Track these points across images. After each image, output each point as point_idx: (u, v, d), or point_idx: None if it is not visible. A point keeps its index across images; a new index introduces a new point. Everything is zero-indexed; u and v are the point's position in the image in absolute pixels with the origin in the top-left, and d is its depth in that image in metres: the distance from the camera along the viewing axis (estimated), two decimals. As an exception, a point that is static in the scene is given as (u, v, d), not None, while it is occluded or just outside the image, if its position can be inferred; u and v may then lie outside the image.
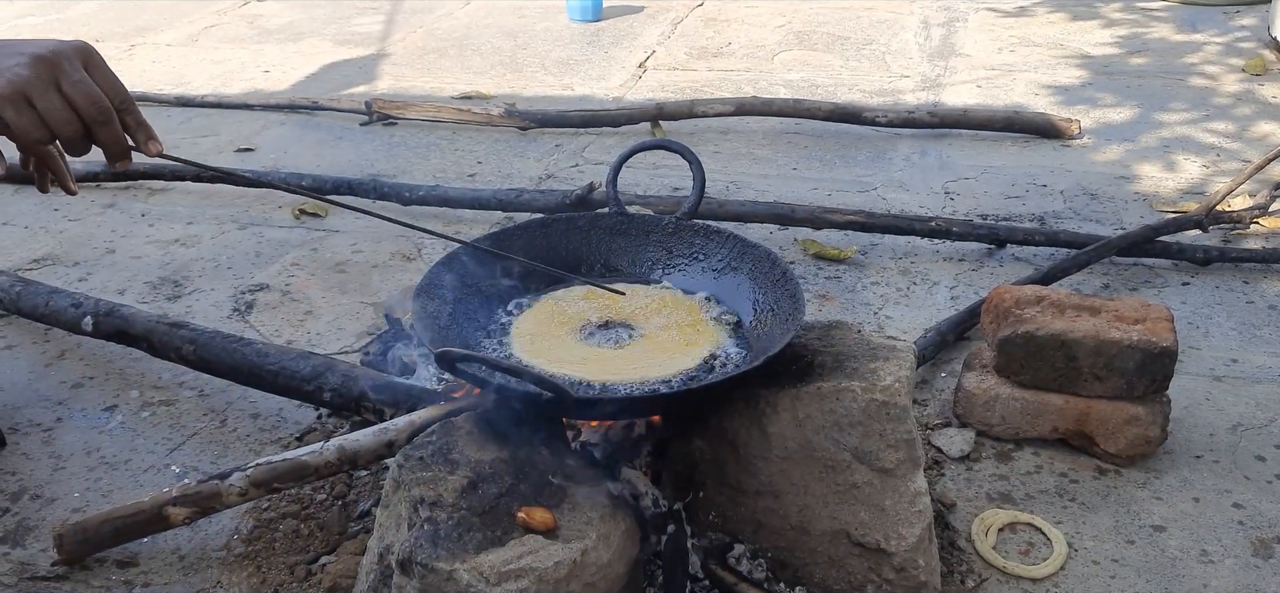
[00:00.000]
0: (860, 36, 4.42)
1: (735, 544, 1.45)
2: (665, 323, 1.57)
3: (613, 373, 1.44)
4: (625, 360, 1.48)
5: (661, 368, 1.45)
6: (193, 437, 1.88)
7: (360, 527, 1.62)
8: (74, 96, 1.15)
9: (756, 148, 3.23)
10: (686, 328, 1.56)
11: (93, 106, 1.16)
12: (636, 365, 1.46)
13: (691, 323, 1.57)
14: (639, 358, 1.48)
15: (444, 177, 3.04)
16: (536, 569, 1.17)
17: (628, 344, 1.53)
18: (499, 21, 4.81)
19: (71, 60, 1.16)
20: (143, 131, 1.22)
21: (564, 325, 1.57)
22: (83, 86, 1.15)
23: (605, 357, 1.49)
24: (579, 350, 1.51)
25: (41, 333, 2.19)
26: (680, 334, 1.54)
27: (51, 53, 1.14)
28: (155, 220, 2.80)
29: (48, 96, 1.13)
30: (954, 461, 1.78)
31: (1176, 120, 3.37)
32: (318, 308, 2.34)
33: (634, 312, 1.60)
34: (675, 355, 1.48)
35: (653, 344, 1.52)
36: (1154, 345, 1.68)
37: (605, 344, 1.53)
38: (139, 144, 1.22)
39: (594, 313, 1.59)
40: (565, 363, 1.46)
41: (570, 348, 1.51)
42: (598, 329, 1.56)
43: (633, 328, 1.56)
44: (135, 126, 1.21)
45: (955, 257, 2.50)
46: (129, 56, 4.42)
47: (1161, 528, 1.62)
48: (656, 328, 1.56)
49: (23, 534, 1.63)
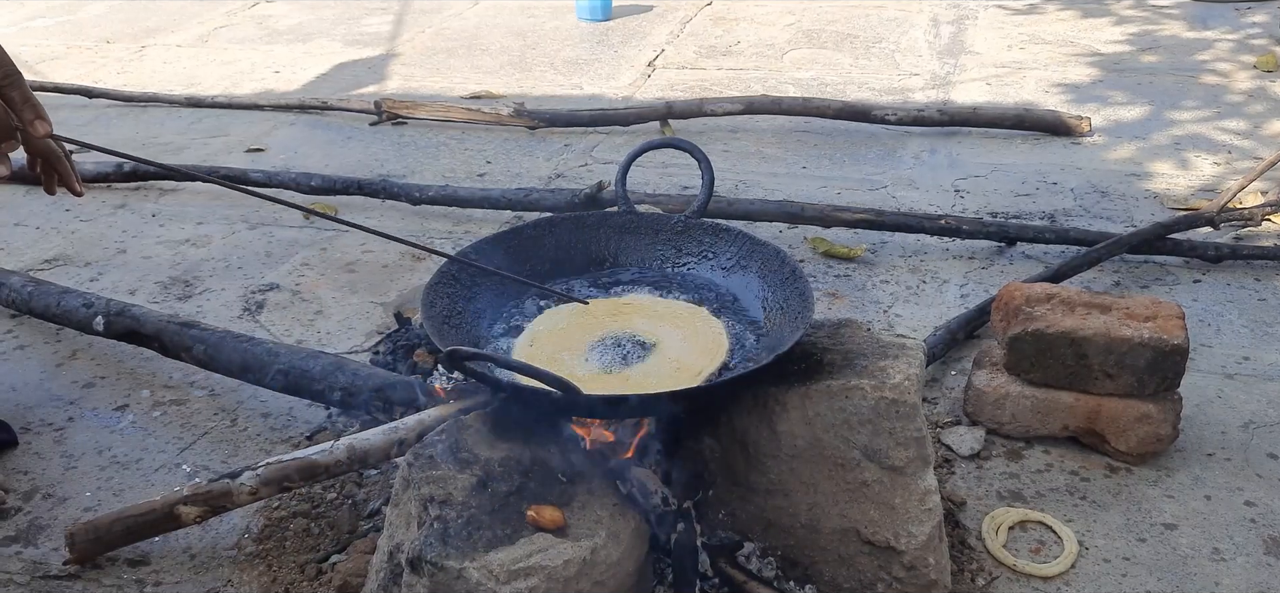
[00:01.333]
0: (869, 35, 4.41)
1: (745, 543, 1.45)
2: (680, 341, 1.50)
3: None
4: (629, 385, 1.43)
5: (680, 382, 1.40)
6: (204, 436, 1.88)
7: (370, 525, 1.63)
8: None
9: (765, 146, 3.23)
10: (697, 351, 1.49)
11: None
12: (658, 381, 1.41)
13: (708, 347, 1.50)
14: (643, 383, 1.43)
15: (453, 176, 3.05)
16: (546, 567, 1.17)
17: (636, 364, 1.47)
18: (508, 21, 4.81)
19: None
20: (29, 108, 1.12)
21: (570, 345, 1.51)
22: None
23: (609, 382, 1.44)
24: (581, 371, 1.45)
25: (53, 333, 2.20)
26: (692, 351, 1.48)
27: None
28: (166, 221, 2.81)
29: None
30: (964, 459, 1.77)
31: (1188, 118, 3.35)
32: (327, 308, 2.34)
33: (647, 327, 1.54)
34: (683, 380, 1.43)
35: (661, 367, 1.46)
36: (1165, 343, 1.67)
37: (614, 365, 1.47)
38: (24, 123, 1.12)
39: (605, 329, 1.53)
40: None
41: (572, 370, 1.45)
42: (609, 346, 1.50)
43: (646, 346, 1.50)
44: (21, 103, 1.11)
45: (965, 255, 2.49)
46: (139, 57, 4.44)
47: (1173, 526, 1.61)
48: (670, 346, 1.49)
49: (35, 533, 1.64)
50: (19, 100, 1.11)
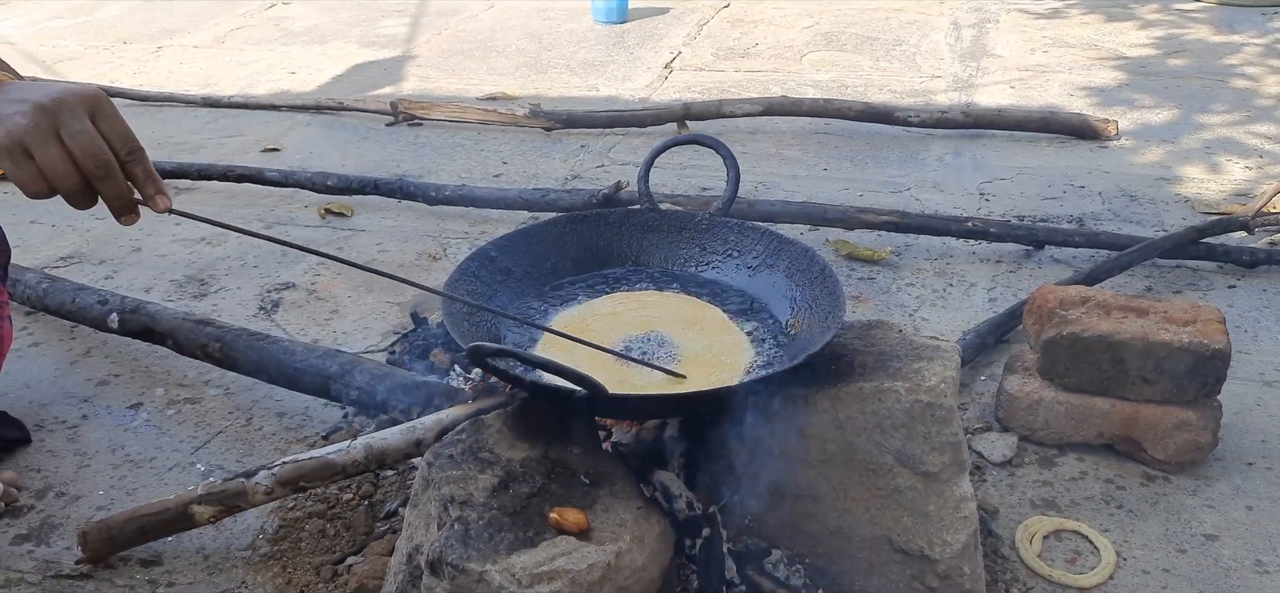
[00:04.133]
0: (889, 37, 4.37)
1: (772, 549, 1.41)
2: (701, 342, 1.47)
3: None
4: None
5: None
6: (218, 435, 1.85)
7: (387, 527, 1.59)
8: (74, 148, 1.07)
9: (785, 148, 3.19)
10: (722, 352, 1.46)
11: (92, 160, 1.07)
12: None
13: (729, 350, 1.47)
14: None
15: (469, 177, 3.02)
16: (569, 571, 1.13)
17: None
18: (524, 23, 4.79)
19: (74, 109, 1.07)
20: (151, 185, 1.13)
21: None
22: (83, 137, 1.07)
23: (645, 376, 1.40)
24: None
25: (68, 330, 2.18)
26: (714, 354, 1.45)
27: (53, 101, 1.06)
28: (182, 219, 2.77)
29: (46, 148, 1.06)
30: (996, 466, 1.73)
31: (1218, 121, 3.29)
32: (343, 307, 2.31)
33: (668, 325, 1.51)
34: (715, 370, 1.40)
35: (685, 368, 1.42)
36: (1206, 348, 1.63)
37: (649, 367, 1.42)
38: (146, 199, 1.13)
39: (625, 329, 1.50)
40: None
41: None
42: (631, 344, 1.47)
43: (669, 345, 1.47)
44: (144, 179, 1.13)
45: (992, 258, 2.44)
46: (156, 58, 4.43)
47: (1214, 537, 1.56)
48: (691, 348, 1.46)
49: (47, 532, 1.61)
50: (142, 176, 1.13)
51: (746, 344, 1.47)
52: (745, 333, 1.50)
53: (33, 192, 1.09)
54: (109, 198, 1.11)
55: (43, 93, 1.08)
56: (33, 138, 1.06)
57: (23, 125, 1.05)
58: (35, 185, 1.08)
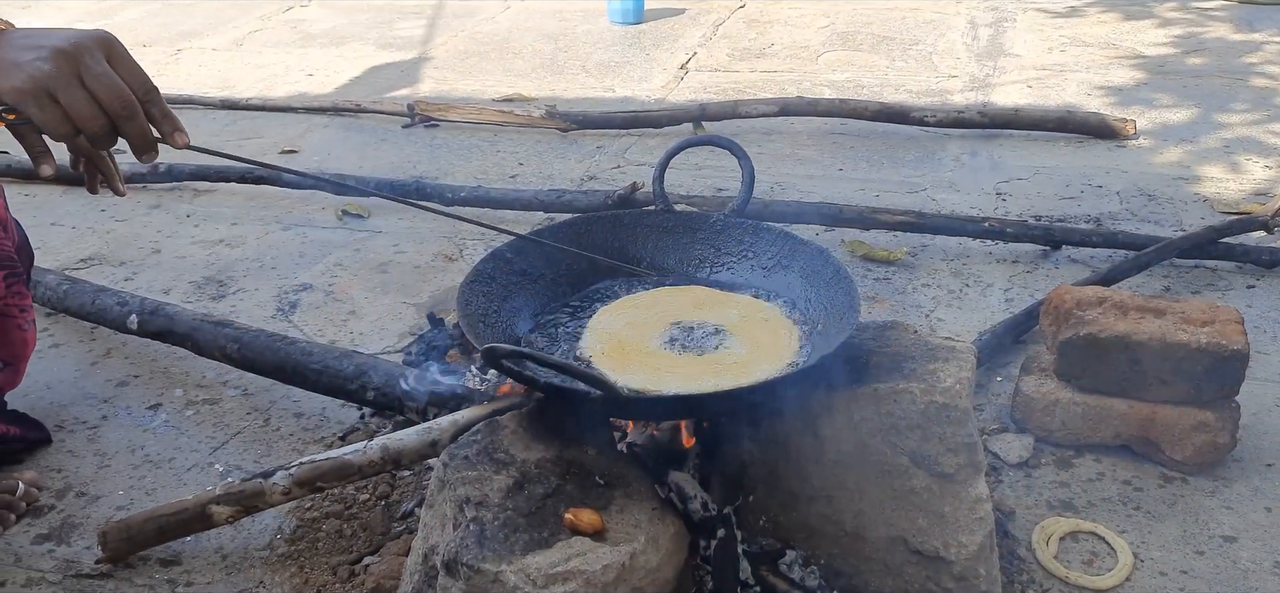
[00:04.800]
0: (906, 37, 4.35)
1: (787, 550, 1.41)
2: (753, 328, 1.48)
3: (692, 380, 1.37)
4: (709, 368, 1.40)
5: (746, 374, 1.37)
6: (236, 436, 1.86)
7: (403, 527, 1.60)
8: (97, 90, 1.10)
9: (801, 148, 3.18)
10: (774, 332, 1.47)
11: (117, 101, 1.11)
12: (720, 372, 1.38)
13: (780, 328, 1.48)
14: (724, 366, 1.40)
15: (485, 178, 3.03)
16: (584, 572, 1.14)
17: (712, 353, 1.43)
18: (540, 24, 4.80)
19: (93, 52, 1.11)
20: (168, 123, 1.17)
21: (645, 329, 1.48)
22: (106, 80, 1.11)
23: (687, 364, 1.41)
24: (659, 358, 1.42)
25: (88, 331, 2.20)
26: (769, 337, 1.46)
27: (72, 45, 1.10)
28: (200, 221, 2.80)
29: (71, 91, 1.09)
30: (1012, 467, 1.72)
31: (1238, 121, 3.27)
32: (361, 308, 2.32)
33: (720, 315, 1.51)
34: (763, 362, 1.41)
35: (741, 351, 1.43)
36: (1224, 348, 1.61)
37: (689, 349, 1.44)
38: (165, 136, 1.17)
39: (679, 314, 1.51)
40: (648, 370, 1.38)
41: (651, 355, 1.43)
42: (683, 331, 1.48)
43: (721, 332, 1.48)
44: (161, 118, 1.16)
45: (1009, 258, 2.43)
46: (175, 61, 4.46)
47: (1232, 539, 1.55)
48: (746, 333, 1.47)
49: (68, 532, 1.63)
50: (159, 115, 1.16)
51: (792, 335, 1.46)
52: (790, 327, 1.48)
53: (59, 134, 1.12)
54: (132, 136, 1.14)
55: (59, 38, 1.11)
56: (57, 82, 1.09)
57: (47, 71, 1.08)
58: (61, 128, 1.11)
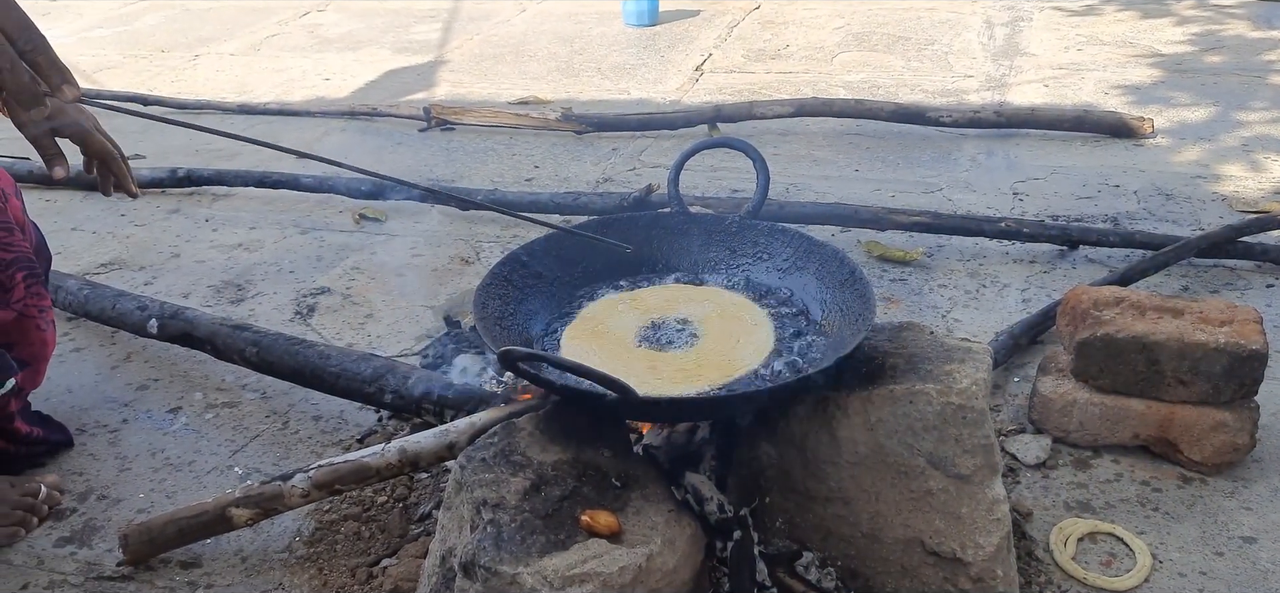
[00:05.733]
0: (921, 37, 4.34)
1: (803, 552, 1.41)
2: (724, 321, 1.53)
3: (674, 377, 1.40)
4: (687, 363, 1.44)
5: (725, 370, 1.41)
6: (255, 439, 1.88)
7: (421, 529, 1.61)
8: None
9: (817, 149, 3.18)
10: (746, 326, 1.52)
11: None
12: (701, 368, 1.42)
13: (751, 321, 1.53)
14: (701, 360, 1.44)
15: (501, 181, 3.04)
16: (601, 574, 1.14)
17: (687, 348, 1.48)
18: (555, 27, 4.81)
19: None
20: (56, 73, 1.08)
21: (618, 329, 1.53)
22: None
23: (665, 360, 1.45)
24: (637, 354, 1.46)
25: (108, 336, 2.22)
26: (740, 331, 1.50)
27: None
28: (219, 225, 2.83)
29: None
30: (1029, 468, 1.71)
31: (1257, 119, 3.24)
32: (378, 311, 2.34)
33: (689, 310, 1.56)
34: (738, 355, 1.44)
35: (713, 345, 1.48)
36: (1242, 348, 1.61)
37: (664, 347, 1.48)
38: (53, 88, 1.08)
39: (650, 313, 1.56)
40: (624, 367, 1.42)
41: (628, 351, 1.47)
42: (654, 329, 1.52)
43: (691, 327, 1.52)
44: (49, 68, 1.08)
45: (1026, 258, 2.42)
46: (193, 66, 4.50)
47: (1252, 539, 1.54)
48: (716, 327, 1.51)
49: (89, 534, 1.65)
50: (45, 65, 1.08)
51: (771, 343, 1.48)
52: (769, 330, 1.51)
53: None
54: (12, 90, 1.06)
55: None
56: None
57: None
58: None
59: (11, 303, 1.64)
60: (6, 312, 1.64)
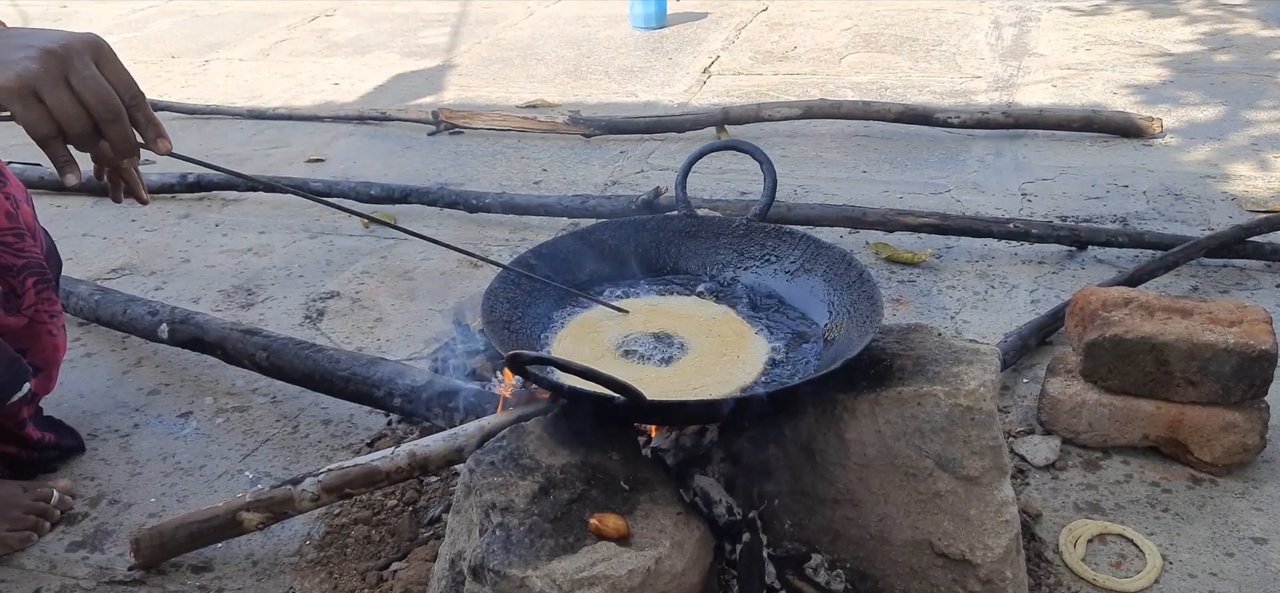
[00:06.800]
0: (929, 38, 4.34)
1: (812, 554, 1.41)
2: (710, 336, 1.50)
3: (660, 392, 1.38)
4: (671, 379, 1.42)
5: (711, 386, 1.40)
6: (265, 443, 1.89)
7: (430, 533, 1.61)
8: (83, 93, 1.11)
9: (825, 151, 3.18)
10: (732, 340, 1.50)
11: (102, 104, 1.11)
12: (686, 383, 1.41)
13: (737, 335, 1.51)
14: (686, 376, 1.43)
15: (510, 184, 3.05)
16: (610, 577, 1.14)
17: (675, 361, 1.46)
18: (563, 31, 4.82)
19: (82, 55, 1.11)
20: (152, 129, 1.18)
21: (603, 342, 1.50)
22: (93, 83, 1.11)
23: (649, 376, 1.43)
24: (621, 370, 1.44)
25: (119, 341, 2.23)
26: (727, 348, 1.48)
27: (62, 47, 1.10)
28: (229, 230, 2.84)
29: (57, 92, 1.09)
30: (1039, 469, 1.71)
31: (1266, 118, 3.23)
32: (387, 315, 2.34)
33: (678, 325, 1.54)
34: (725, 372, 1.43)
35: (700, 361, 1.46)
36: (1252, 348, 1.60)
37: (651, 362, 1.47)
38: (148, 142, 1.18)
39: (636, 326, 1.54)
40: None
41: (611, 367, 1.45)
42: (642, 341, 1.50)
43: (678, 342, 1.50)
44: (145, 124, 1.17)
45: (1034, 259, 2.42)
46: (203, 71, 4.52)
47: (1263, 540, 1.54)
48: (704, 343, 1.49)
49: (101, 539, 1.66)
50: (144, 121, 1.17)
51: (762, 359, 1.48)
52: (759, 346, 1.50)
53: (41, 134, 1.12)
54: (115, 141, 1.14)
55: (48, 39, 1.11)
56: (43, 82, 1.09)
57: (34, 70, 1.09)
58: (44, 128, 1.11)
59: (23, 309, 1.66)
60: (18, 318, 1.65)
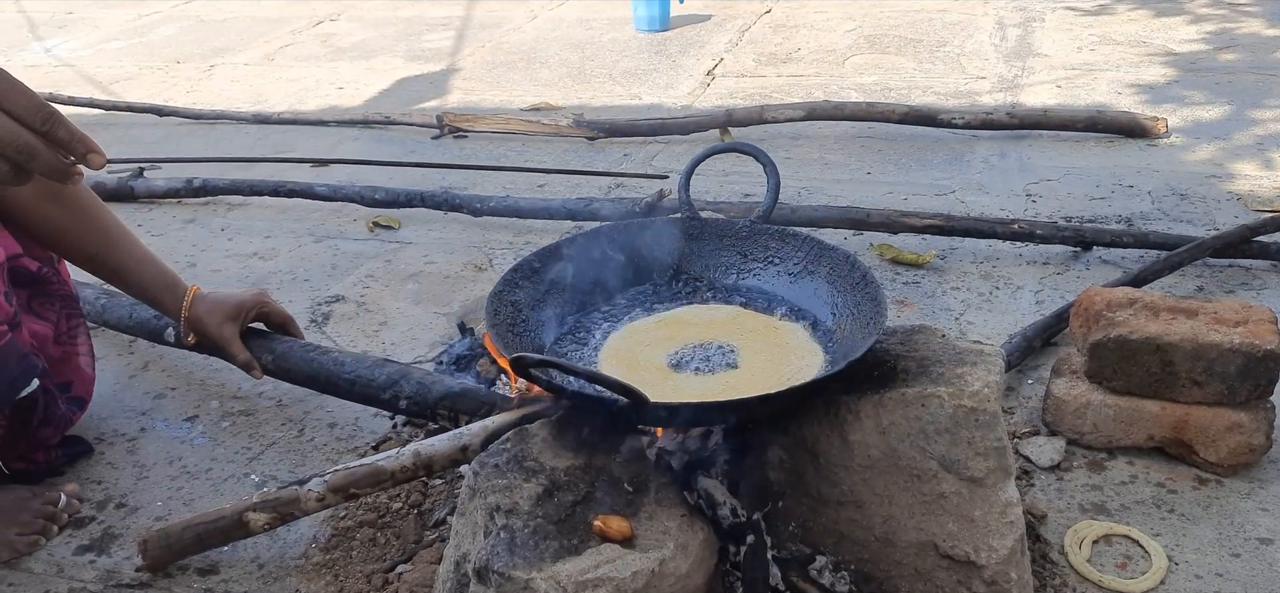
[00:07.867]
0: (933, 39, 4.34)
1: (817, 556, 1.41)
2: (764, 347, 1.49)
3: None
4: (743, 381, 1.42)
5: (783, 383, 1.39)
6: (271, 446, 1.89)
7: (436, 535, 1.62)
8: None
9: (828, 153, 3.18)
10: (789, 352, 1.49)
11: (13, 148, 1.02)
12: (757, 383, 1.40)
13: (795, 347, 1.50)
14: (733, 388, 1.42)
15: (514, 187, 3.05)
16: (614, 579, 1.15)
17: (721, 373, 1.46)
18: (566, 34, 4.82)
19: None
20: (79, 144, 1.07)
21: (654, 350, 1.50)
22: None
23: (695, 385, 1.44)
24: (670, 380, 1.45)
25: (126, 345, 2.24)
26: (782, 358, 1.47)
27: None
28: (234, 234, 2.85)
29: None
30: (1044, 470, 1.71)
31: (1271, 118, 3.23)
32: (392, 318, 2.35)
33: (729, 334, 1.53)
34: (790, 368, 1.44)
35: (751, 373, 1.45)
36: (1257, 348, 1.60)
37: (701, 370, 1.46)
38: (79, 158, 1.07)
39: (690, 336, 1.53)
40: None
41: (660, 376, 1.45)
42: (692, 350, 1.50)
43: (731, 351, 1.49)
44: (70, 140, 1.06)
45: (1039, 260, 2.42)
46: (209, 77, 4.53)
47: (1269, 541, 1.54)
48: (756, 353, 1.48)
49: (108, 542, 1.66)
50: (66, 138, 1.06)
51: (814, 354, 1.48)
52: (815, 356, 1.49)
53: None
54: (42, 172, 1.06)
55: None
56: None
57: None
58: None
59: (60, 338, 1.68)
60: (57, 347, 1.67)
